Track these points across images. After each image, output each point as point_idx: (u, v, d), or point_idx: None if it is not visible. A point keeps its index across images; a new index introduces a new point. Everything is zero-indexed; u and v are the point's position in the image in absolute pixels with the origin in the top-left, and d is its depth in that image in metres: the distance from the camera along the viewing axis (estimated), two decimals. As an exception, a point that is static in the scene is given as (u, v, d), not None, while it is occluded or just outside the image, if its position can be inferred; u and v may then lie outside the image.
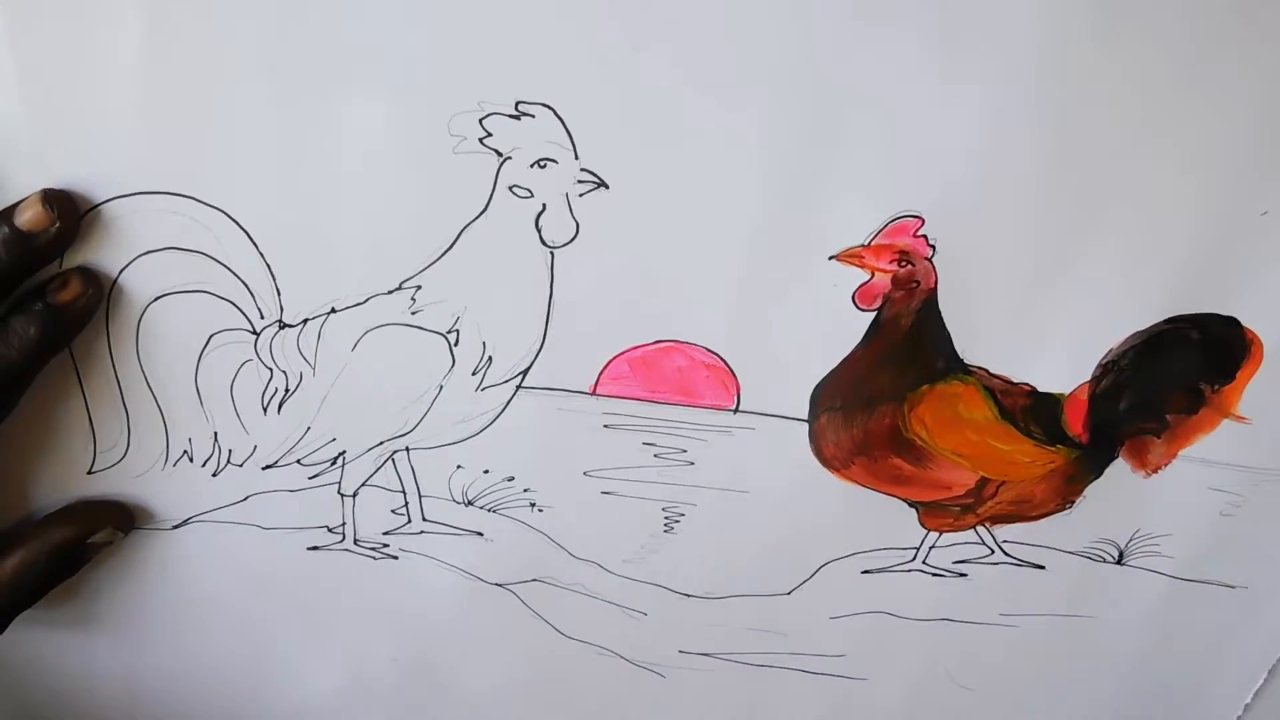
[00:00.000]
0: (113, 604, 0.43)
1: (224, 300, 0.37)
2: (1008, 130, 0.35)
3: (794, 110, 0.34)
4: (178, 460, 0.40)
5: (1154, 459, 0.43)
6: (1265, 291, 0.39)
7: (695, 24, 0.33)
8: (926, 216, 0.37)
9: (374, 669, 0.47)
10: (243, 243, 0.36)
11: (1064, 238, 0.37)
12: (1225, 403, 0.42)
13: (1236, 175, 0.36)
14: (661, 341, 0.39)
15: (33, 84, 0.33)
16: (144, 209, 0.35)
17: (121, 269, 0.36)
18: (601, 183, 0.35)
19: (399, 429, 0.40)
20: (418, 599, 0.45)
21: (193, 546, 0.42)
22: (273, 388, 0.39)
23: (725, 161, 0.35)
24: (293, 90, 0.33)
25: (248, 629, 0.45)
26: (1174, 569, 0.46)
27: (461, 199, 0.36)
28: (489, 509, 0.43)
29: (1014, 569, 0.46)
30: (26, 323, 0.34)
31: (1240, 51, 0.34)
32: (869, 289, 0.38)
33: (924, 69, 0.34)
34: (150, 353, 0.38)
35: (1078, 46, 0.34)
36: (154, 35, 0.32)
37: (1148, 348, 0.40)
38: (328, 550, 0.43)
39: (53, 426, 0.39)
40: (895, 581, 0.45)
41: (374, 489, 0.42)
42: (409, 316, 0.38)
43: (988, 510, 0.44)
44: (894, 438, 0.41)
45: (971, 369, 0.40)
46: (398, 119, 0.34)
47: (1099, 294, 0.39)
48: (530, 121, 0.34)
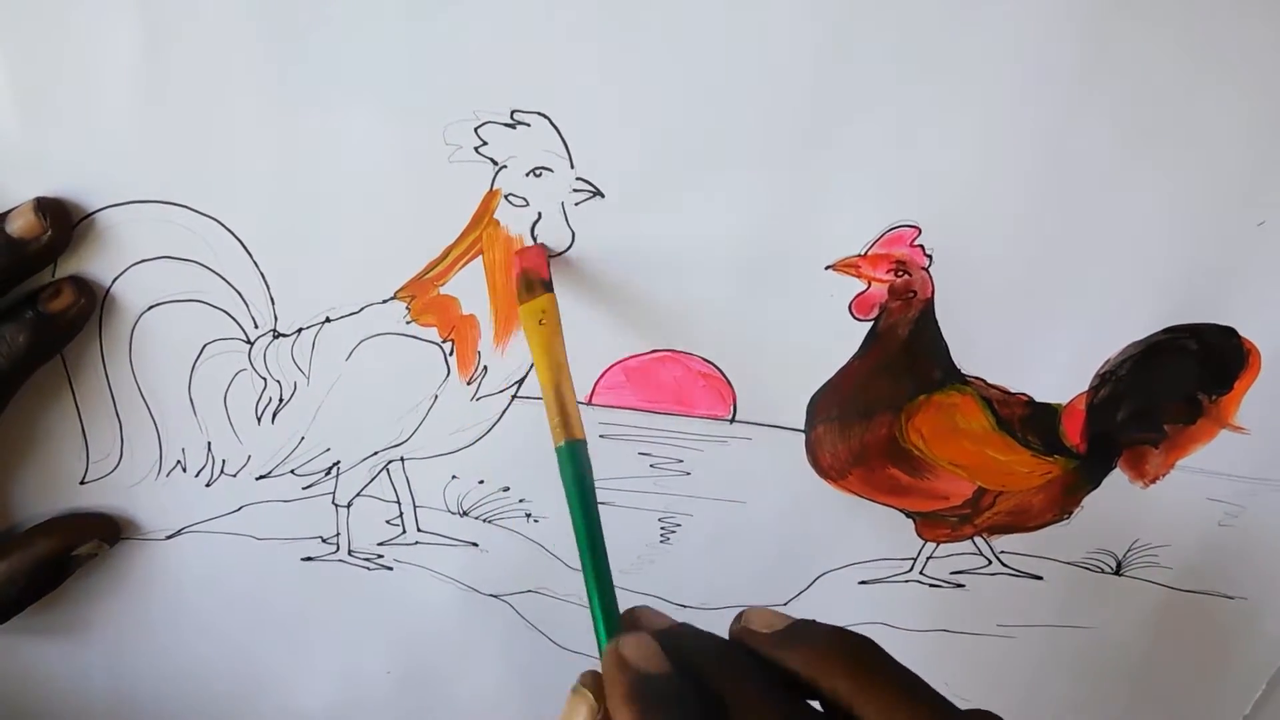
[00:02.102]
0: (106, 615, 0.43)
1: (218, 309, 0.37)
2: (1004, 140, 0.35)
3: (790, 120, 0.34)
4: (171, 470, 0.40)
5: (1152, 469, 0.43)
6: (1263, 301, 0.39)
7: (691, 33, 0.33)
8: (923, 226, 0.37)
9: (368, 681, 0.47)
10: (237, 252, 0.36)
11: (1061, 247, 0.37)
12: (1223, 413, 0.41)
13: (1233, 185, 0.36)
14: (657, 351, 0.39)
15: (26, 92, 0.32)
16: (137, 218, 0.35)
17: (115, 278, 0.36)
18: (597, 191, 0.35)
19: (394, 439, 0.40)
20: (412, 610, 0.44)
21: (186, 557, 0.42)
22: (267, 397, 0.39)
23: (721, 170, 0.35)
24: (287, 99, 0.33)
25: (241, 640, 0.45)
26: (1172, 579, 0.46)
27: (456, 208, 0.36)
28: (484, 519, 0.42)
29: (1012, 579, 0.46)
30: (16, 330, 0.34)
31: (1237, 62, 0.34)
32: (866, 299, 0.38)
33: (920, 79, 0.34)
34: (143, 362, 0.38)
35: (1074, 57, 0.34)
36: (149, 45, 0.32)
37: (1145, 358, 0.40)
38: (322, 561, 0.43)
39: (45, 436, 0.38)
40: (893, 592, 0.45)
41: (368, 499, 0.42)
42: (403, 326, 0.38)
43: (985, 521, 0.44)
44: (891, 448, 0.41)
45: (969, 379, 0.40)
46: (393, 128, 0.34)
47: (1096, 304, 0.39)
48: (526, 130, 0.34)
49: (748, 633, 0.29)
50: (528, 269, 0.35)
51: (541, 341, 0.34)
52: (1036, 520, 0.44)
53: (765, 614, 0.30)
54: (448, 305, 0.37)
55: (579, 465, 0.32)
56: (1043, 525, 0.44)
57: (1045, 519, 0.44)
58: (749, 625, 0.29)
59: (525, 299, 0.35)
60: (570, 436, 0.32)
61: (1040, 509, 0.44)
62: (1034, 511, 0.44)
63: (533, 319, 0.35)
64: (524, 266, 0.36)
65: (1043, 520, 0.44)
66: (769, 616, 0.30)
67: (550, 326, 0.34)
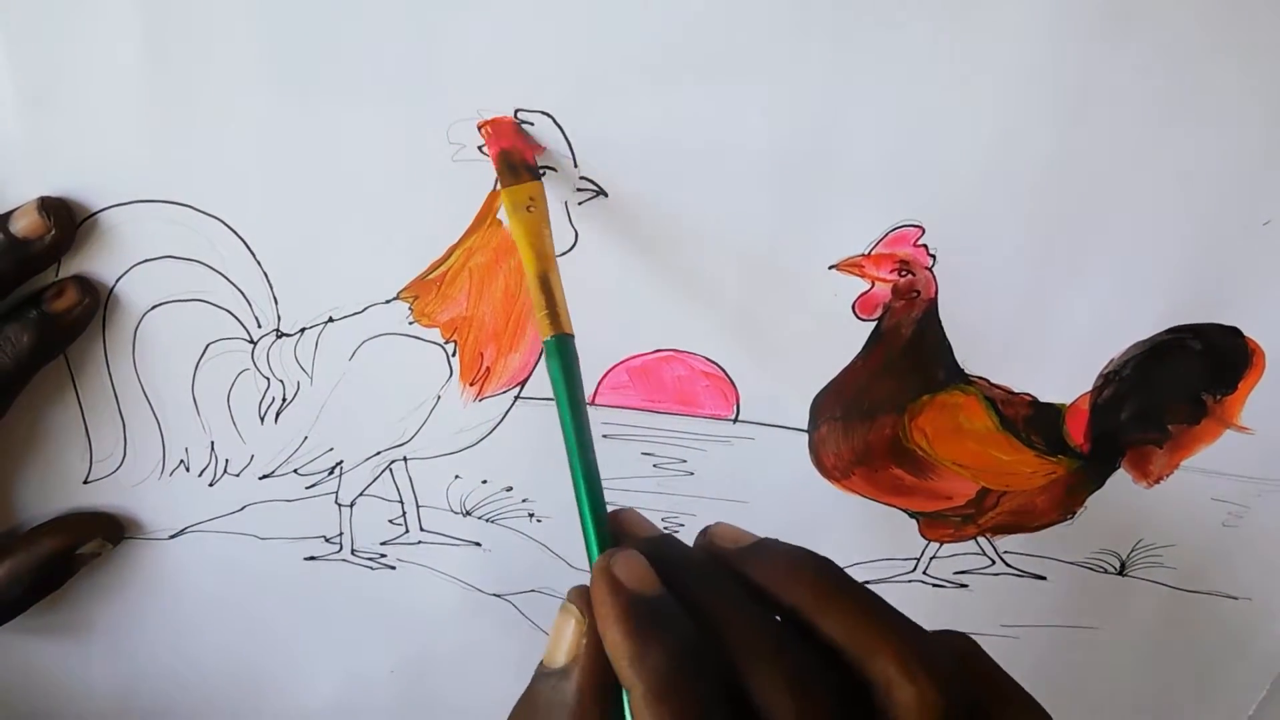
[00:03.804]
0: (109, 614, 0.43)
1: (221, 309, 0.37)
2: (1008, 140, 0.35)
3: (794, 118, 0.34)
4: (174, 470, 0.40)
5: (1156, 469, 0.43)
6: (1267, 301, 0.39)
7: (695, 32, 0.33)
8: (927, 225, 0.36)
9: (371, 680, 0.47)
10: (240, 251, 0.36)
11: (1065, 247, 0.37)
12: (1227, 413, 0.41)
13: (1238, 185, 0.36)
14: (661, 351, 0.39)
15: (30, 92, 0.32)
16: (141, 217, 0.35)
17: (118, 277, 0.36)
18: (600, 191, 0.35)
19: (397, 439, 0.40)
20: (415, 610, 0.44)
21: (189, 556, 0.42)
22: (270, 397, 0.39)
23: (725, 169, 0.35)
24: (291, 99, 0.33)
25: (243, 639, 0.45)
26: (1176, 580, 0.46)
27: (459, 208, 0.36)
28: (487, 519, 0.42)
29: (1015, 580, 0.46)
30: (20, 330, 0.34)
31: (1242, 61, 0.34)
32: (869, 298, 0.38)
33: (924, 78, 0.34)
34: (147, 362, 0.38)
35: (1079, 56, 0.34)
36: (152, 45, 0.32)
37: (1149, 357, 0.40)
38: (325, 560, 0.43)
39: (49, 436, 0.38)
40: (896, 592, 0.45)
41: (371, 499, 0.42)
42: (407, 326, 0.38)
43: (989, 521, 0.44)
44: (894, 448, 0.41)
45: (972, 379, 0.40)
46: (396, 127, 0.34)
47: (1100, 303, 0.38)
48: (529, 130, 0.34)
49: (714, 547, 0.29)
50: (507, 149, 0.33)
51: (530, 229, 0.32)
52: (1040, 520, 0.44)
53: (731, 530, 0.30)
54: (450, 306, 0.37)
55: (567, 358, 0.31)
56: (1046, 525, 0.44)
57: (1049, 519, 0.44)
58: (715, 540, 0.29)
59: (509, 182, 0.33)
60: (559, 330, 0.31)
61: (1044, 509, 0.43)
62: (1037, 512, 0.44)
63: (519, 204, 0.33)
64: (502, 146, 0.33)
65: (1046, 520, 0.44)
66: (735, 532, 0.29)
67: (539, 214, 0.33)
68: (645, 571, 0.27)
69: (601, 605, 0.26)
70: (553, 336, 0.31)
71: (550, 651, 0.28)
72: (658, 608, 0.26)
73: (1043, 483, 0.43)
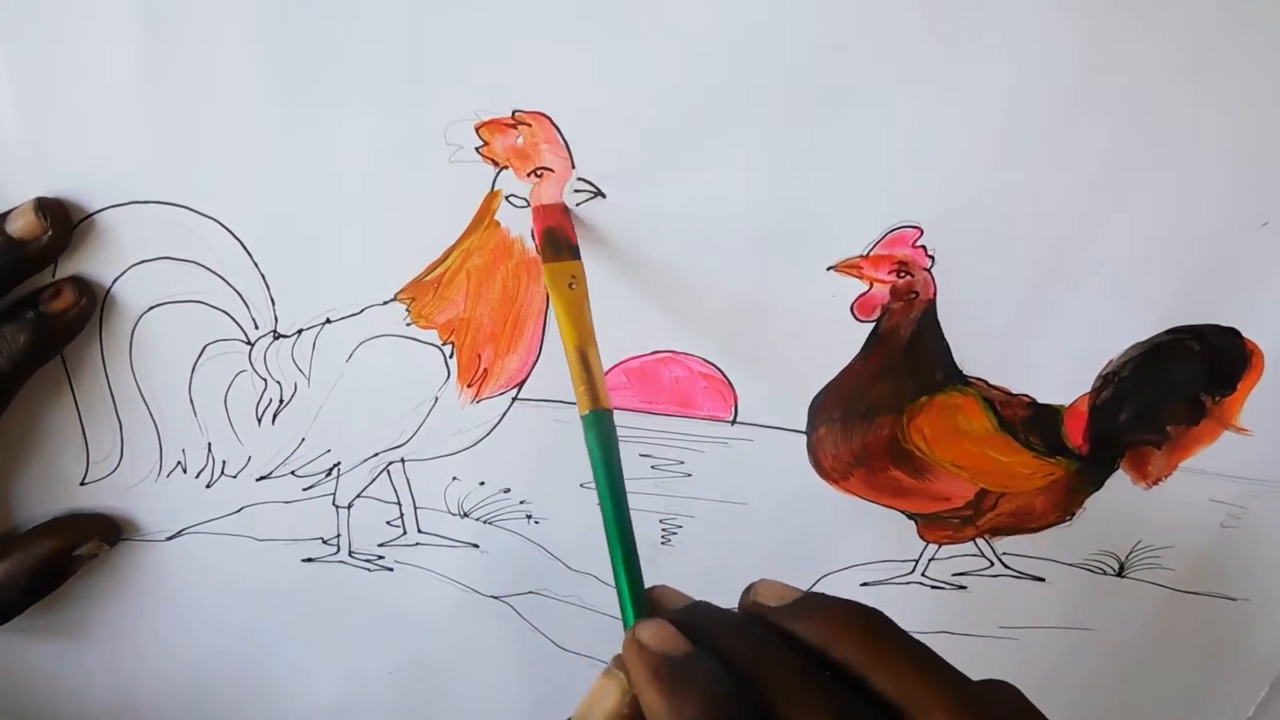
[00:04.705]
0: (106, 615, 0.43)
1: (218, 310, 0.37)
2: (1006, 141, 0.35)
3: (792, 120, 0.34)
4: (171, 471, 0.40)
5: (1155, 470, 0.43)
6: (1266, 302, 0.39)
7: (692, 33, 0.33)
8: (925, 227, 0.36)
9: (369, 682, 0.47)
10: (237, 252, 0.36)
11: (1063, 248, 0.37)
12: (1226, 414, 0.41)
13: (1237, 186, 0.36)
14: (659, 352, 0.39)
15: (27, 92, 0.32)
16: (138, 218, 0.35)
17: (115, 278, 0.36)
18: (598, 192, 0.35)
19: (394, 440, 0.40)
20: (413, 611, 0.44)
21: (186, 558, 0.42)
22: (267, 399, 0.39)
23: (723, 171, 0.35)
24: (288, 100, 0.33)
25: (241, 641, 0.45)
26: (1175, 581, 0.46)
27: (457, 209, 0.35)
28: (485, 521, 0.42)
29: (1014, 581, 0.46)
30: (17, 330, 0.34)
31: (1240, 62, 0.34)
32: (868, 300, 0.38)
33: (922, 80, 0.34)
34: (144, 363, 0.37)
35: (1077, 57, 0.34)
36: (150, 46, 0.32)
37: (1148, 359, 0.40)
38: (322, 562, 0.43)
39: (46, 437, 0.38)
40: (894, 594, 0.45)
41: (369, 500, 0.42)
42: (404, 327, 0.37)
43: (987, 522, 0.44)
44: (893, 449, 0.41)
45: (971, 380, 0.40)
46: (393, 127, 0.34)
47: (1099, 304, 0.38)
48: (527, 130, 0.34)
49: (758, 605, 0.29)
50: (552, 227, 0.34)
51: (571, 305, 0.33)
52: (1039, 522, 0.44)
53: (775, 586, 0.30)
54: (448, 307, 0.37)
55: (605, 434, 0.31)
56: (1045, 527, 0.44)
57: (1047, 520, 0.44)
58: (758, 598, 0.29)
59: (552, 259, 0.34)
60: (596, 405, 0.31)
61: (1042, 510, 0.43)
62: (1036, 513, 0.43)
63: (562, 281, 0.33)
64: (547, 224, 0.34)
65: (1045, 522, 0.44)
66: (779, 589, 0.29)
67: (580, 291, 0.33)
68: (671, 634, 0.27)
69: (634, 671, 0.26)
70: (591, 411, 0.31)
71: (583, 713, 0.28)
72: (688, 665, 0.26)
73: (1041, 484, 0.43)
